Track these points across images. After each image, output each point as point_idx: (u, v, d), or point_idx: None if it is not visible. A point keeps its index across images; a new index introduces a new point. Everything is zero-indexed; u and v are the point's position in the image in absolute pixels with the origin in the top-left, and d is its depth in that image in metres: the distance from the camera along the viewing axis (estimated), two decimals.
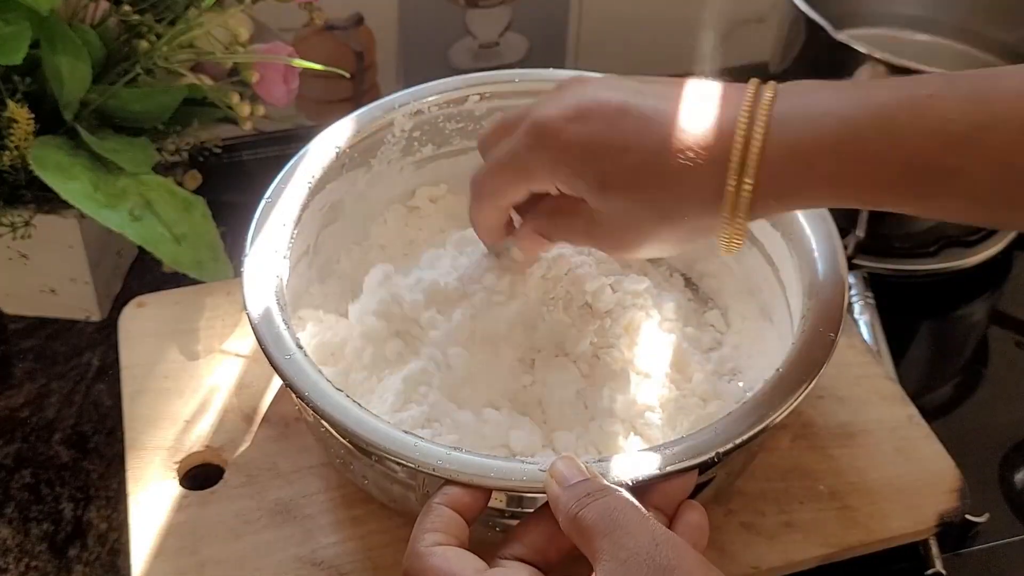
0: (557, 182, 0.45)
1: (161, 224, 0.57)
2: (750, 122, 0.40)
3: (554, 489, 0.39)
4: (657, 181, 0.42)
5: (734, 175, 0.40)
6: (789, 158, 0.40)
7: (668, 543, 0.36)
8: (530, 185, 0.46)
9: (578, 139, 0.43)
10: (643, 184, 0.42)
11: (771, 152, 0.40)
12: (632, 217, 0.44)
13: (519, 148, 0.45)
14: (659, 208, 0.43)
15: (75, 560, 0.54)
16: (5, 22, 0.53)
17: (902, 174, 0.39)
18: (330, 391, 0.44)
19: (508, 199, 0.48)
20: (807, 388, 0.45)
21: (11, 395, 0.62)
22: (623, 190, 0.43)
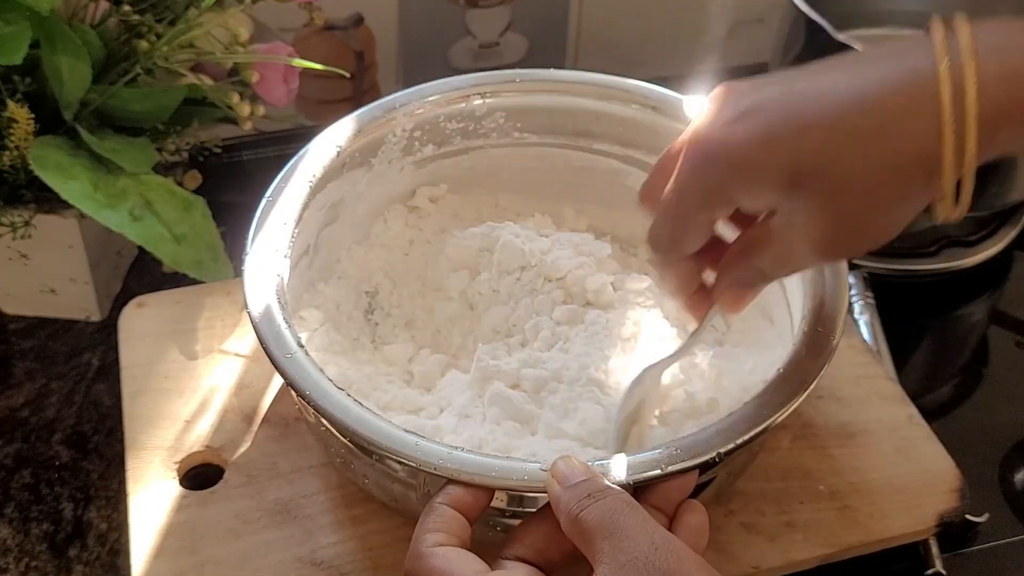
0: (739, 196, 0.39)
1: (161, 224, 0.57)
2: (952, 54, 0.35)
3: (555, 489, 0.39)
4: (856, 150, 0.36)
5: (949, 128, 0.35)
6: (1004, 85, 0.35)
7: (667, 546, 0.36)
8: (710, 213, 0.40)
9: (750, 137, 0.37)
10: (839, 158, 0.36)
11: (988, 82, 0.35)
12: (838, 204, 0.37)
13: (686, 177, 0.40)
14: (867, 180, 0.36)
15: (75, 560, 0.54)
16: (5, 22, 0.53)
17: None
18: (331, 390, 0.44)
19: (691, 242, 0.42)
20: (808, 388, 0.45)
21: (11, 395, 0.62)
22: (819, 174, 0.37)
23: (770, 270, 0.42)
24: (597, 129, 0.61)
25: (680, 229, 0.42)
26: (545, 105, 0.60)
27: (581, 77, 0.60)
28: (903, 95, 0.36)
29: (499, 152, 0.62)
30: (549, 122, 0.61)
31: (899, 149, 0.36)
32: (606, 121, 0.60)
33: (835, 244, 0.39)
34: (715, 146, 0.39)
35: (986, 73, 0.35)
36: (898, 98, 0.36)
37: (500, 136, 0.61)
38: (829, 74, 0.38)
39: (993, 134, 0.35)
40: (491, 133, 0.61)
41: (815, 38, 0.71)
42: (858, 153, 0.36)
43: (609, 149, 0.61)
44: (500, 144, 0.61)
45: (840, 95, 0.37)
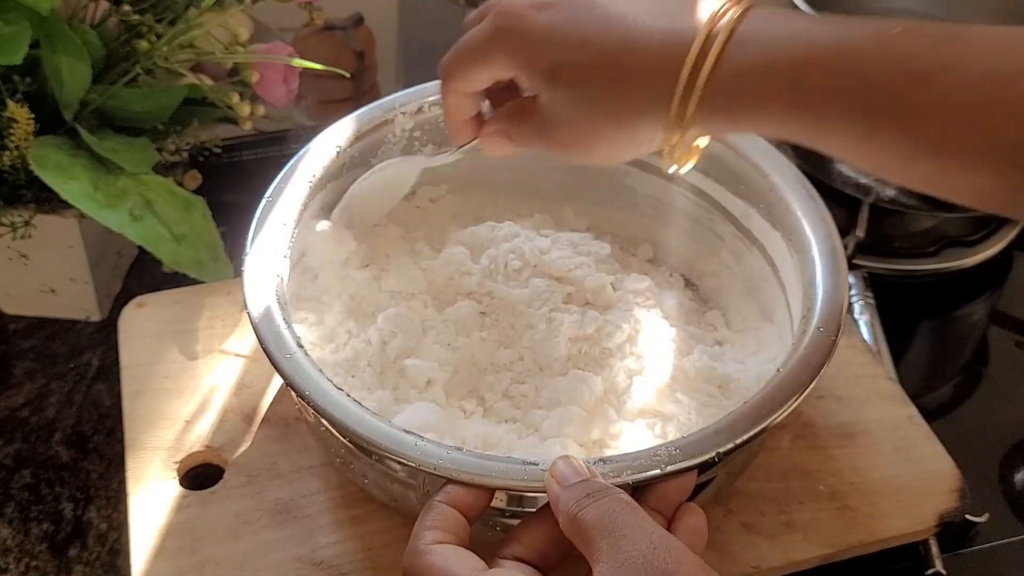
0: (514, 68, 0.45)
1: (161, 224, 0.57)
2: (709, 34, 0.40)
3: (554, 489, 0.39)
4: (608, 79, 0.42)
5: (683, 85, 0.40)
6: (743, 75, 0.39)
7: (665, 546, 0.36)
8: (490, 71, 0.46)
9: (539, 27, 0.43)
10: (594, 80, 0.42)
11: (725, 67, 0.39)
12: (580, 114, 0.43)
13: (483, 32, 0.45)
14: (606, 107, 0.42)
15: (75, 560, 0.54)
16: (5, 22, 0.53)
17: (857, 103, 0.38)
18: (331, 390, 0.44)
19: (470, 84, 0.47)
20: (808, 388, 0.45)
21: (11, 395, 0.62)
22: (572, 85, 0.43)
23: (526, 137, 0.47)
24: None
25: (462, 70, 0.47)
26: None
27: None
28: (661, 52, 0.41)
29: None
30: None
31: (639, 95, 0.41)
32: None
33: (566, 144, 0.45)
34: (512, 20, 0.44)
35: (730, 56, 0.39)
36: (656, 53, 0.41)
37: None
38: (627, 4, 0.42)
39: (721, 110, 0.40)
40: None
41: None
42: (609, 82, 0.42)
43: None
44: None
45: (620, 28, 0.42)
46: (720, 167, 0.57)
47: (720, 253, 0.60)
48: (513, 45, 0.44)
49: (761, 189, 0.55)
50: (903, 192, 0.70)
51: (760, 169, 0.55)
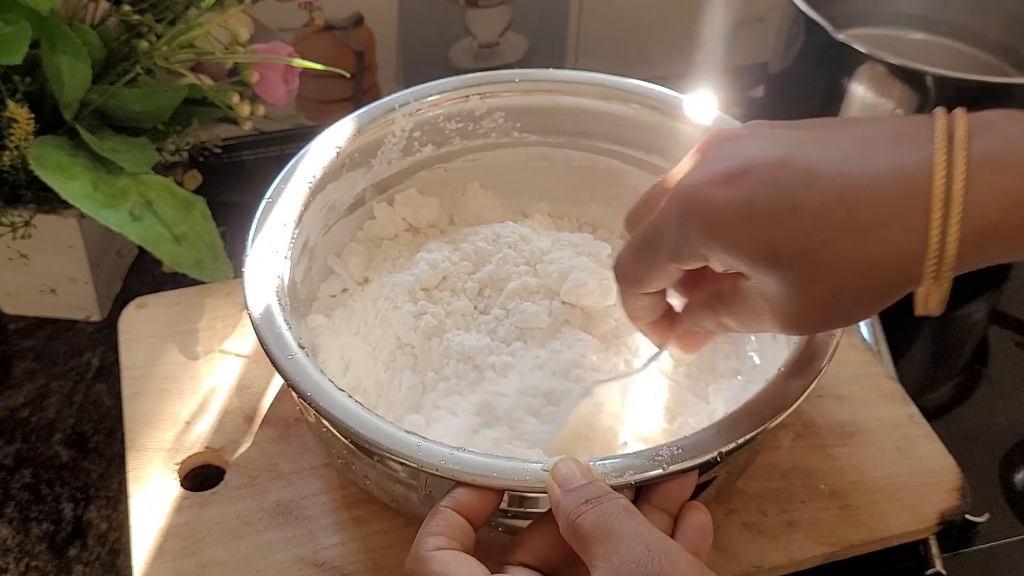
0: (713, 259, 0.39)
1: (161, 224, 0.57)
2: (948, 164, 0.34)
3: (555, 493, 0.39)
4: (836, 244, 0.35)
5: (936, 232, 0.34)
6: (1001, 206, 0.34)
7: (661, 549, 0.36)
8: (679, 265, 0.40)
9: (734, 205, 0.37)
10: (820, 248, 0.36)
11: (979, 199, 0.34)
12: (808, 290, 0.37)
13: (662, 223, 0.39)
14: (842, 276, 0.36)
15: (75, 560, 0.54)
16: (5, 22, 0.53)
17: None
18: (332, 391, 0.44)
19: (655, 284, 0.42)
20: (809, 388, 0.45)
21: (11, 395, 0.61)
22: (796, 258, 0.36)
23: (732, 326, 0.42)
24: (597, 129, 0.61)
25: (646, 271, 0.42)
26: (545, 105, 0.60)
27: (581, 77, 0.60)
28: (892, 197, 0.35)
29: (499, 152, 0.62)
30: (549, 122, 0.61)
31: (881, 251, 0.36)
32: (606, 121, 0.60)
33: (801, 323, 0.39)
34: (698, 204, 0.38)
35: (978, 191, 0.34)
36: (887, 199, 0.35)
37: (500, 136, 0.61)
38: (822, 148, 0.37)
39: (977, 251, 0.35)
40: (491, 133, 0.61)
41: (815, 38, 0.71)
42: (840, 247, 0.36)
43: (609, 149, 0.61)
44: (500, 144, 0.61)
45: (830, 181, 0.36)
46: None
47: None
48: (708, 232, 0.37)
49: None
50: None
51: None
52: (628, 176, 0.62)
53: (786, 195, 0.36)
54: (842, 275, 0.36)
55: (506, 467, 0.41)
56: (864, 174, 0.35)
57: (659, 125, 0.59)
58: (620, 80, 0.60)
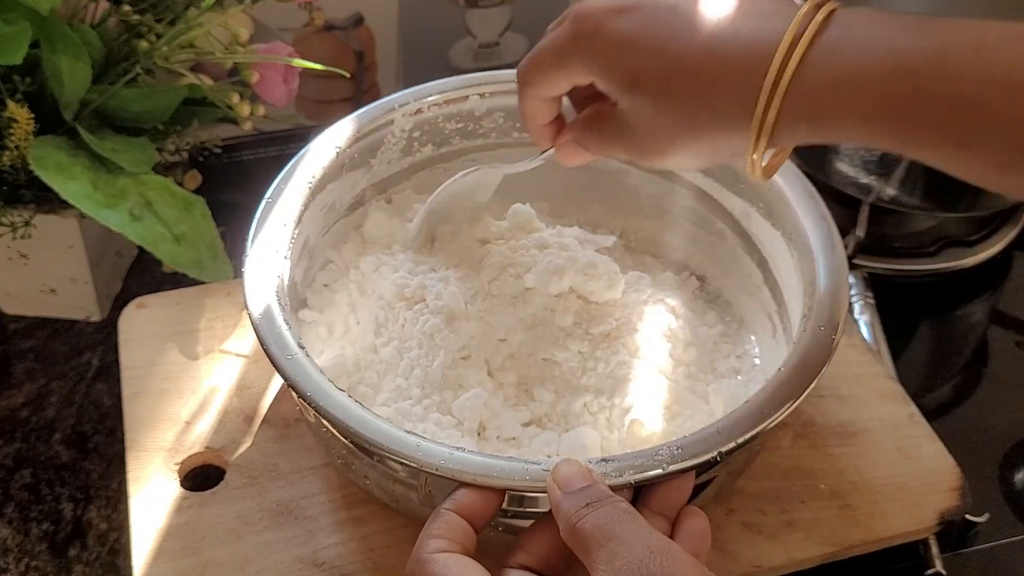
0: (591, 75, 0.44)
1: (161, 224, 0.57)
2: (792, 43, 0.38)
3: (556, 495, 0.39)
4: (687, 88, 0.41)
5: (764, 96, 0.39)
6: (828, 86, 0.38)
7: (662, 551, 0.36)
8: (568, 76, 0.45)
9: (617, 33, 0.42)
10: (673, 89, 0.41)
11: (809, 78, 0.38)
12: (659, 122, 0.42)
13: (560, 37, 0.44)
14: (686, 117, 0.41)
15: (75, 560, 0.54)
16: (5, 22, 0.53)
17: (948, 116, 0.36)
18: (332, 391, 0.44)
19: (547, 90, 0.47)
20: (809, 387, 0.45)
21: (11, 395, 0.61)
22: (652, 93, 0.41)
23: (605, 145, 0.47)
24: None
25: (540, 75, 0.46)
26: None
27: None
28: (743, 59, 0.39)
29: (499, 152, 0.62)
30: None
31: (718, 104, 0.40)
32: None
33: (644, 151, 0.44)
34: (590, 25, 0.43)
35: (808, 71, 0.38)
36: (738, 60, 0.39)
37: (500, 136, 0.61)
38: (710, 6, 0.41)
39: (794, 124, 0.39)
40: (490, 133, 0.61)
41: None
42: (689, 89, 0.41)
43: None
44: (500, 144, 0.61)
45: (701, 34, 0.40)
46: (720, 166, 0.57)
47: (720, 252, 0.60)
48: (591, 51, 0.43)
49: (761, 188, 0.55)
50: (903, 192, 0.70)
51: None
52: (628, 176, 0.62)
53: (662, 36, 0.41)
54: (686, 116, 0.41)
55: (506, 467, 0.41)
56: (731, 34, 0.40)
57: None
58: None
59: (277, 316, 0.47)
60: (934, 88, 0.36)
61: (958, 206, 0.70)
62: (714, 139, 0.42)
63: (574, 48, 0.44)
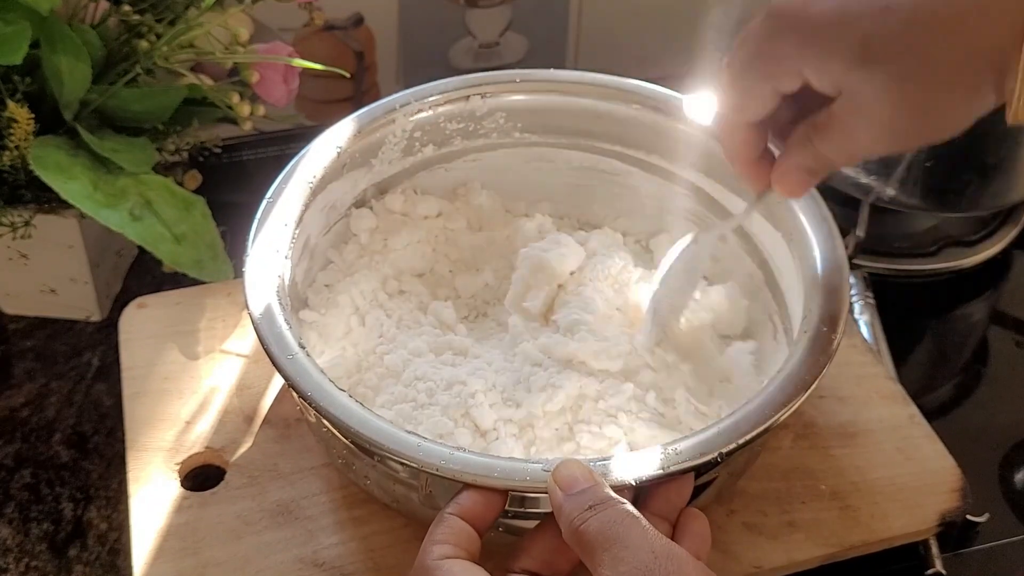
0: (807, 68, 0.38)
1: (161, 224, 0.57)
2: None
3: (557, 497, 0.39)
4: (931, 38, 0.36)
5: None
6: None
7: (667, 555, 0.35)
8: (776, 84, 0.40)
9: (827, 10, 0.37)
10: (914, 44, 0.36)
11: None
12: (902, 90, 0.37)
13: (757, 41, 0.40)
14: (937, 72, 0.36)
15: (75, 560, 0.54)
16: (5, 22, 0.53)
17: None
18: (333, 391, 0.44)
19: (755, 108, 0.41)
20: (809, 388, 0.45)
21: (11, 395, 0.61)
22: (890, 57, 0.36)
23: (832, 156, 0.41)
24: (597, 129, 0.61)
25: (744, 95, 0.41)
26: (545, 105, 0.60)
27: (581, 77, 0.60)
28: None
29: (499, 152, 0.62)
30: (549, 122, 0.61)
31: (974, 43, 0.35)
32: (606, 121, 0.60)
33: (896, 132, 0.39)
34: (790, 16, 0.38)
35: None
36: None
37: (500, 136, 0.61)
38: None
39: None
40: (491, 133, 0.61)
41: None
42: (933, 40, 0.36)
43: (609, 149, 0.61)
44: (500, 144, 0.61)
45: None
46: (720, 167, 0.57)
47: (720, 252, 0.60)
48: (802, 39, 0.38)
49: None
50: (903, 192, 0.70)
51: None
52: (628, 176, 0.62)
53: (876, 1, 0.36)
54: (936, 68, 0.36)
55: (507, 467, 0.41)
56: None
57: (659, 125, 0.59)
58: (620, 80, 0.60)
59: (278, 316, 0.47)
60: None
61: (958, 206, 0.70)
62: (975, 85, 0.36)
63: (780, 43, 0.39)
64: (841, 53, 0.37)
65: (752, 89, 0.41)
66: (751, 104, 0.42)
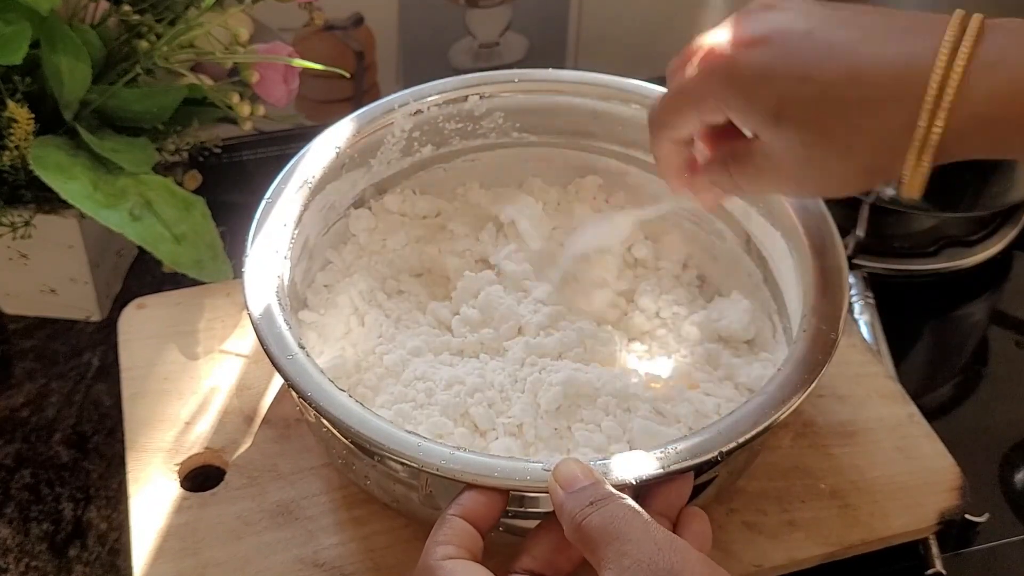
0: (729, 112, 0.42)
1: (161, 224, 0.57)
2: (950, 58, 0.37)
3: (558, 495, 0.39)
4: (837, 114, 0.39)
5: (926, 116, 0.37)
6: (988, 102, 0.37)
7: (670, 547, 0.36)
8: (701, 115, 0.44)
9: (753, 65, 0.41)
10: (821, 117, 0.39)
11: (973, 92, 0.37)
12: (810, 153, 0.40)
13: (692, 76, 0.43)
14: (839, 143, 0.40)
15: (75, 560, 0.54)
16: (5, 22, 0.53)
17: None
18: (332, 391, 0.44)
19: (681, 131, 0.46)
20: (809, 387, 0.45)
21: (11, 395, 0.61)
22: (799, 123, 0.40)
23: (743, 185, 0.45)
24: (597, 129, 0.61)
25: (672, 117, 0.45)
26: (545, 105, 0.60)
27: (581, 77, 0.60)
28: (895, 80, 0.38)
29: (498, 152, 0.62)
30: (549, 122, 0.61)
31: (875, 126, 0.39)
32: (606, 121, 0.60)
33: (800, 184, 0.43)
34: (722, 62, 0.42)
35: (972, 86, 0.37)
36: (890, 81, 0.38)
37: (499, 136, 0.61)
38: (846, 28, 0.40)
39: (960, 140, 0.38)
40: (490, 133, 0.61)
41: None
42: (838, 118, 0.39)
43: (609, 149, 0.61)
44: (499, 144, 0.61)
45: (843, 58, 0.39)
46: None
47: (720, 252, 0.60)
48: (727, 86, 0.42)
49: None
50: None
51: None
52: (628, 176, 0.62)
53: (801, 64, 0.40)
54: (838, 144, 0.40)
55: (507, 466, 0.41)
56: (876, 55, 0.39)
57: None
58: (620, 80, 0.60)
59: (277, 316, 0.47)
60: None
61: (958, 206, 0.70)
62: (866, 165, 0.40)
63: (708, 85, 0.42)
64: (759, 108, 0.41)
65: (680, 114, 0.45)
66: (678, 127, 0.46)
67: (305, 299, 0.56)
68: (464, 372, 0.51)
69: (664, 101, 0.46)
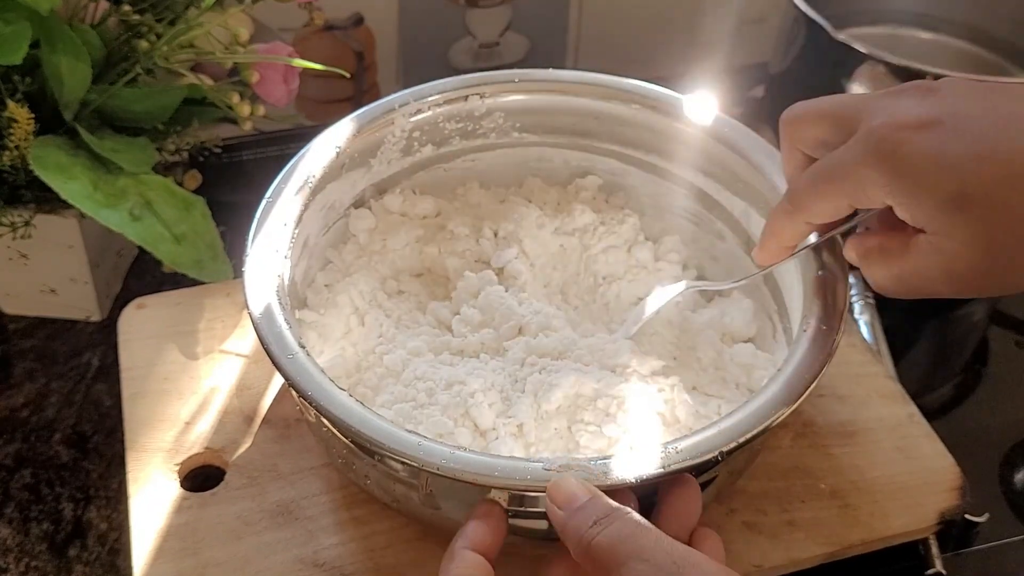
0: (894, 201, 0.39)
1: (161, 224, 0.57)
2: None
3: (559, 516, 0.38)
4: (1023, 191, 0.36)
5: None
6: None
7: (688, 561, 0.35)
8: (857, 203, 0.41)
9: (926, 151, 0.37)
10: (1012, 197, 0.36)
11: None
12: (997, 241, 0.37)
13: (849, 158, 0.40)
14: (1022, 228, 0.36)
15: (75, 560, 0.54)
16: (5, 22, 0.53)
17: None
18: (333, 390, 0.44)
19: (823, 215, 0.42)
20: (809, 387, 0.45)
21: (11, 395, 0.61)
22: (985, 206, 0.36)
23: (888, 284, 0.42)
24: (597, 129, 0.61)
25: (817, 202, 0.42)
26: (545, 105, 0.60)
27: (581, 77, 0.60)
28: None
29: (498, 152, 0.62)
30: (549, 122, 0.61)
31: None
32: (606, 121, 0.60)
33: (976, 277, 0.39)
34: (888, 146, 0.38)
35: None
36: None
37: (499, 136, 0.61)
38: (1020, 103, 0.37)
39: None
40: (490, 133, 0.61)
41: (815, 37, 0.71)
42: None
43: (609, 149, 0.61)
44: (499, 144, 0.61)
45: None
46: (720, 167, 0.57)
47: (720, 252, 0.60)
48: (895, 174, 0.38)
49: (761, 189, 0.55)
50: None
51: (760, 169, 0.55)
52: (628, 176, 0.62)
53: (979, 143, 0.37)
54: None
55: (507, 466, 0.41)
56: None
57: (659, 125, 0.59)
58: (620, 80, 0.60)
59: (277, 316, 0.47)
60: None
61: None
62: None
63: (870, 170, 0.39)
64: (935, 195, 0.37)
65: (827, 199, 0.41)
66: (822, 212, 0.42)
67: (305, 299, 0.56)
68: (464, 372, 0.51)
69: (811, 182, 0.42)
